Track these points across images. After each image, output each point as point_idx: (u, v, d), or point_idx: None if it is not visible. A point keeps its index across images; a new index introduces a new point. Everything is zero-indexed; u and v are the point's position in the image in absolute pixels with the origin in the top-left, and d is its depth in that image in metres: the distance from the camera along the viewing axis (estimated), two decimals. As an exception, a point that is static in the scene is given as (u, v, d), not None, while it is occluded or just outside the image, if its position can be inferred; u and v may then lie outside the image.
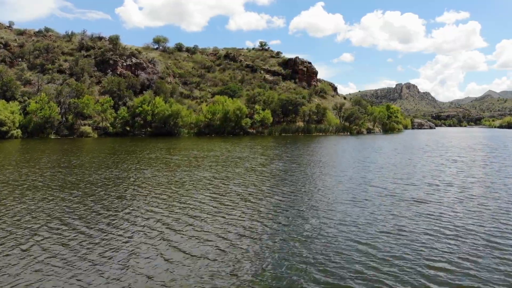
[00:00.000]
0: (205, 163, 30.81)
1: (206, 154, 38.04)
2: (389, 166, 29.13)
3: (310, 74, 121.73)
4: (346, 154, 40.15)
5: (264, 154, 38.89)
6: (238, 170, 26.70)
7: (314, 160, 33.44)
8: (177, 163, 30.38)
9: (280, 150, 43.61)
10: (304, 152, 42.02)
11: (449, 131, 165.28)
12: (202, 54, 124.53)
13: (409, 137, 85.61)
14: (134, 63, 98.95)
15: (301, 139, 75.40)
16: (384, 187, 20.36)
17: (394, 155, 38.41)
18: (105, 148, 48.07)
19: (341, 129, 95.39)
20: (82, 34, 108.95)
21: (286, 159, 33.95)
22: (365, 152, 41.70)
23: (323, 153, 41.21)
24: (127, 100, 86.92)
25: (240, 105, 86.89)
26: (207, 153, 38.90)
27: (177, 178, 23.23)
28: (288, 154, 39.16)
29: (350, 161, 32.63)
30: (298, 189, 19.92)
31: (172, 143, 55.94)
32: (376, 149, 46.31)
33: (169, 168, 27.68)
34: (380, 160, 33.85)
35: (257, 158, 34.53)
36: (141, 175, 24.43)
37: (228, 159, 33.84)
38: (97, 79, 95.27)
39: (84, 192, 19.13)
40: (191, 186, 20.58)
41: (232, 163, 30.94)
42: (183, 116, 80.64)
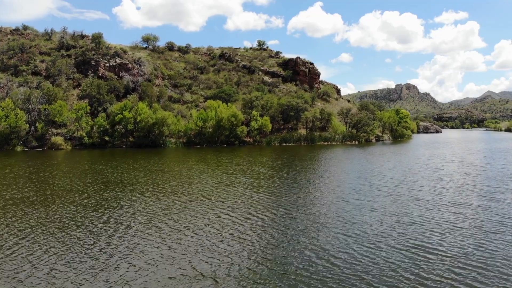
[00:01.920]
0: (183, 217, 19.88)
1: (187, 191, 26.99)
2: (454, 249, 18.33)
3: (312, 75, 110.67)
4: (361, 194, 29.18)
5: (260, 188, 27.99)
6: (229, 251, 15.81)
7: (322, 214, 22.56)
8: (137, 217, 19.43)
9: (279, 179, 32.76)
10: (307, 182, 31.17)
11: (459, 135, 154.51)
12: (196, 53, 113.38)
13: (426, 149, 74.67)
14: (118, 63, 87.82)
15: (303, 151, 64.42)
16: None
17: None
18: (64, 167, 36.78)
19: (348, 137, 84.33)
20: (62, 32, 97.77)
21: (287, 205, 23.08)
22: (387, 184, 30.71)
23: (330, 183, 30.38)
24: (108, 105, 75.87)
25: (235, 111, 75.87)
26: (189, 185, 27.95)
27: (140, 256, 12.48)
28: (288, 186, 28.31)
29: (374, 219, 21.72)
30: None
31: (148, 161, 44.85)
32: (405, 181, 35.27)
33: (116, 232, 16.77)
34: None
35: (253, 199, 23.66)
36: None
37: (215, 204, 22.91)
38: (77, 82, 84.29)
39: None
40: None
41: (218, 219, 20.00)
42: (169, 124, 69.59)
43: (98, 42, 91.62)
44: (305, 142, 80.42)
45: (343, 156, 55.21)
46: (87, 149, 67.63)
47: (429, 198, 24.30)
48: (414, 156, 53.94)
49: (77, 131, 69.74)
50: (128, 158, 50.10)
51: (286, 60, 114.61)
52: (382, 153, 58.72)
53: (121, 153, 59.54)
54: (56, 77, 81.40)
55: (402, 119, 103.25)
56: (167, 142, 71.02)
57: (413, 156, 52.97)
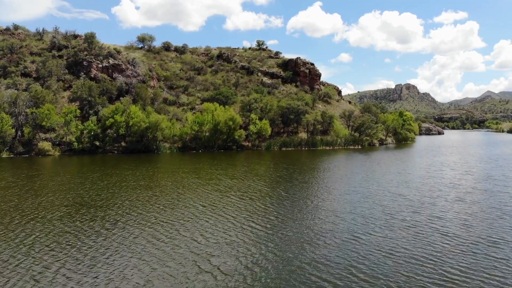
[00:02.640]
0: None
1: (166, 219, 22.96)
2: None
3: (313, 76, 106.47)
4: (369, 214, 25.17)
5: (259, 205, 23.98)
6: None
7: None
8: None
9: (278, 191, 28.77)
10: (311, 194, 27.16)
11: (463, 137, 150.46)
12: (193, 54, 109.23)
13: (434, 156, 70.68)
14: (112, 64, 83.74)
15: (303, 158, 60.38)
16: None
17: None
18: (40, 179, 32.44)
19: (351, 141, 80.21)
20: (54, 31, 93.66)
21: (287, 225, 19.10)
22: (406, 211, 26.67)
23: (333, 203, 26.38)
24: (100, 108, 71.85)
25: (233, 115, 71.82)
26: (171, 210, 23.92)
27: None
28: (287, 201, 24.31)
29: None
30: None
31: (135, 171, 40.75)
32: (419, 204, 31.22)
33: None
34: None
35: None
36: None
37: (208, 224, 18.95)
38: (68, 84, 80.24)
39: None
40: None
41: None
42: (163, 129, 65.53)
43: (91, 42, 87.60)
44: (306, 146, 76.32)
45: (346, 165, 51.14)
46: (76, 155, 63.67)
47: (456, 231, 20.17)
48: (424, 165, 49.82)
49: (66, 136, 65.75)
50: (115, 168, 46.00)
51: (286, 60, 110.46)
52: (388, 162, 54.65)
53: (110, 160, 55.50)
54: (46, 79, 77.46)
55: (405, 121, 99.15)
56: (161, 147, 66.97)
57: (423, 166, 48.83)
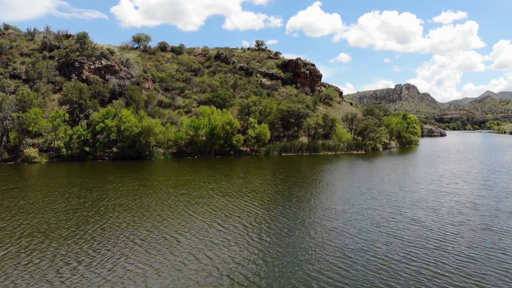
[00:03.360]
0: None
1: (150, 240, 19.16)
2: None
3: (314, 77, 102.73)
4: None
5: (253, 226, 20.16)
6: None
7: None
8: None
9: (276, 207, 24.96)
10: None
11: (466, 139, 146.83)
12: (190, 54, 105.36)
13: (441, 164, 66.92)
14: (104, 65, 79.87)
15: (304, 166, 56.64)
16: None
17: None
18: (12, 194, 28.28)
19: (354, 145, 76.37)
20: (45, 31, 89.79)
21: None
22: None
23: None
24: (91, 112, 68.03)
25: (230, 118, 68.01)
26: (144, 244, 20.10)
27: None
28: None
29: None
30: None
31: (120, 184, 36.88)
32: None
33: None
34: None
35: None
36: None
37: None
38: (59, 86, 76.39)
39: None
40: None
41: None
42: (156, 134, 61.71)
43: (83, 42, 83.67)
44: (307, 151, 72.50)
45: (349, 176, 47.18)
46: (65, 162, 59.81)
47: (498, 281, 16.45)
48: (435, 177, 45.94)
49: (54, 142, 61.92)
50: (99, 180, 42.00)
51: (286, 61, 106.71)
52: (395, 172, 50.81)
53: (98, 169, 51.65)
54: (35, 81, 73.65)
55: (409, 124, 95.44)
56: (155, 153, 63.12)
57: (433, 178, 44.92)
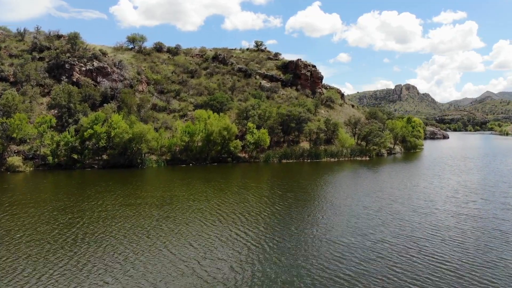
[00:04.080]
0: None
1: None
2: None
3: (315, 79, 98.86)
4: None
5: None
6: None
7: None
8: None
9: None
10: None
11: (471, 142, 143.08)
12: (187, 55, 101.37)
13: (452, 174, 63.05)
14: (96, 67, 75.91)
15: (305, 173, 52.75)
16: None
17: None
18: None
19: (358, 151, 72.38)
20: (35, 32, 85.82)
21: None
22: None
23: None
24: (80, 117, 64.07)
25: (227, 124, 64.07)
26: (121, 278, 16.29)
27: None
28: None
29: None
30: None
31: (107, 194, 32.85)
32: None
33: None
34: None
35: None
36: None
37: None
38: (48, 89, 72.44)
39: None
40: None
41: None
42: (148, 140, 57.74)
43: (74, 43, 79.68)
44: (308, 158, 68.55)
45: (354, 189, 43.32)
46: (51, 170, 55.79)
47: None
48: (448, 191, 42.08)
49: (40, 149, 57.94)
50: (78, 195, 37.85)
51: (286, 62, 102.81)
52: (404, 184, 47.00)
53: (84, 180, 47.63)
54: (23, 84, 69.72)
55: (414, 128, 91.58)
56: (147, 161, 59.14)
57: (448, 194, 41.04)
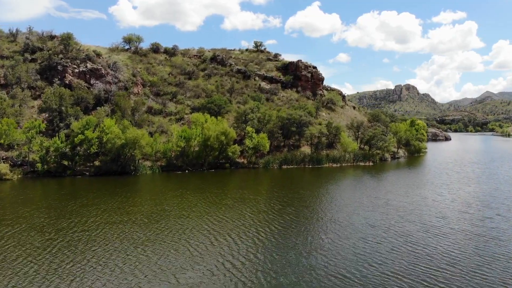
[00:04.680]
0: None
1: None
2: None
3: (316, 81, 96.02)
4: None
5: None
6: None
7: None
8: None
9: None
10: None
11: (474, 144, 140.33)
12: (184, 56, 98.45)
13: (467, 184, 60.29)
14: (89, 69, 73.02)
15: (306, 182, 49.96)
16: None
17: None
18: None
19: (361, 156, 69.47)
20: (28, 32, 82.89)
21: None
22: None
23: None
24: (72, 121, 61.21)
25: (225, 128, 61.22)
26: None
27: None
28: None
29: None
30: None
31: (90, 209, 29.94)
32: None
33: None
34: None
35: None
36: None
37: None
38: (40, 91, 69.57)
39: None
40: None
41: None
42: (142, 146, 54.87)
43: (67, 43, 76.70)
44: (309, 163, 65.67)
45: (359, 202, 40.62)
46: (40, 178, 52.93)
47: None
48: (459, 204, 39.35)
49: (29, 155, 55.06)
50: (60, 210, 34.93)
51: (286, 63, 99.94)
52: (411, 195, 44.24)
53: (71, 189, 44.73)
54: (14, 86, 66.87)
55: (418, 131, 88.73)
56: (141, 168, 56.25)
57: (459, 206, 38.35)
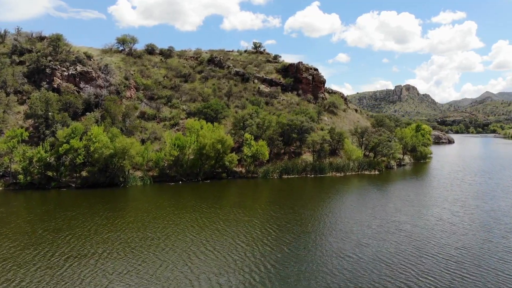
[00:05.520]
0: None
1: None
2: None
3: (317, 83, 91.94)
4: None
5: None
6: None
7: None
8: None
9: None
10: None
11: (478, 147, 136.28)
12: (181, 58, 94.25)
13: (483, 200, 56.16)
14: (79, 72, 68.87)
15: (309, 194, 45.88)
16: None
17: None
18: None
19: (366, 164, 65.29)
20: (16, 33, 78.70)
21: None
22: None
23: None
24: (59, 127, 57.05)
25: (222, 136, 57.07)
26: None
27: None
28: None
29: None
30: None
31: (67, 231, 25.65)
32: None
33: None
34: None
35: None
36: None
37: None
38: (27, 96, 65.46)
39: None
40: None
41: None
42: (132, 156, 50.72)
43: (56, 45, 72.51)
44: (311, 172, 61.54)
45: (364, 223, 36.54)
46: (23, 190, 48.82)
47: None
48: (478, 225, 35.35)
49: (11, 165, 50.92)
50: (29, 234, 30.68)
51: (286, 65, 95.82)
52: (423, 215, 40.18)
53: (53, 204, 40.47)
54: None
55: (424, 136, 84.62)
56: (130, 179, 52.06)
57: (478, 229, 34.33)
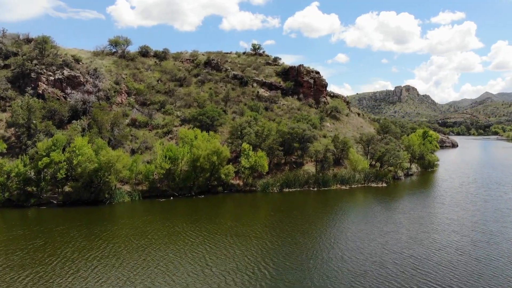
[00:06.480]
0: None
1: None
2: None
3: (318, 87, 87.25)
4: None
5: None
6: None
7: None
8: None
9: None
10: None
11: (484, 152, 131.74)
12: (176, 60, 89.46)
13: (498, 223, 51.38)
14: (66, 76, 64.17)
15: (312, 214, 41.17)
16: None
17: None
18: None
19: (372, 175, 60.50)
20: (1, 35, 73.85)
21: None
22: None
23: None
24: (42, 137, 52.36)
25: (217, 147, 52.31)
26: None
27: None
28: None
29: None
30: None
31: (23, 271, 21.07)
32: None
33: None
34: None
35: None
36: None
37: None
38: (10, 102, 60.76)
39: None
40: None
41: None
42: (119, 170, 45.99)
43: (43, 47, 67.76)
44: (314, 185, 56.80)
45: (375, 257, 31.83)
46: (1, 208, 44.17)
47: None
48: (506, 258, 30.76)
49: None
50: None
51: (287, 68, 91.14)
52: (438, 239, 35.55)
53: (27, 227, 35.68)
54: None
55: (431, 143, 80.00)
56: (117, 195, 47.27)
57: (507, 264, 29.68)
